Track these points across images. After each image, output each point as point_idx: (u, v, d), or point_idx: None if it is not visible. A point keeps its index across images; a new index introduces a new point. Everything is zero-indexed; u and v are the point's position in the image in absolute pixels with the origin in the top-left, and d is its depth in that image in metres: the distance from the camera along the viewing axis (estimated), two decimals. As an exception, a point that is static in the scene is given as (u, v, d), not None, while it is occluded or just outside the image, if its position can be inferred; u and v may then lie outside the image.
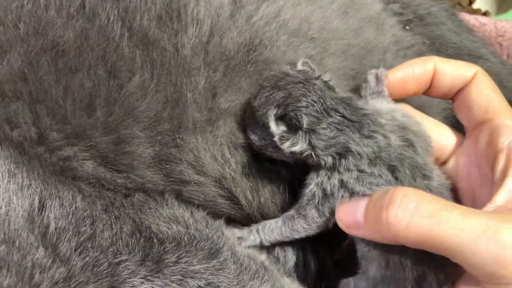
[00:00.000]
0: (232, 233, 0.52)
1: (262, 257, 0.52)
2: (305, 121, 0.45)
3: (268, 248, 0.54)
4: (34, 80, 0.45)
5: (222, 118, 0.50)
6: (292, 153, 0.47)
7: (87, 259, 0.42)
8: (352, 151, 0.45)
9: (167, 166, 0.50)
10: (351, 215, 0.45)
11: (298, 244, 0.55)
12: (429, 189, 0.46)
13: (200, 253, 0.46)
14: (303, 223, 0.49)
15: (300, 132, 0.46)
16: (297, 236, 0.50)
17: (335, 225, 0.48)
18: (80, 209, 0.44)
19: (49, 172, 0.46)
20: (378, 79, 0.51)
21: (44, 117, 0.46)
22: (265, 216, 0.54)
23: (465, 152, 0.50)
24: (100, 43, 0.47)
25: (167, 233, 0.46)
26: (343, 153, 0.46)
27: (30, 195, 0.43)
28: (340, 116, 0.46)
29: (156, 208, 0.48)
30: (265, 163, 0.52)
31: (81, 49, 0.47)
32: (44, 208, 0.43)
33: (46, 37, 0.46)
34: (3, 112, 0.45)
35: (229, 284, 0.46)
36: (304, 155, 0.47)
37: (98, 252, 0.43)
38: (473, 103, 0.48)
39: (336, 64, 0.56)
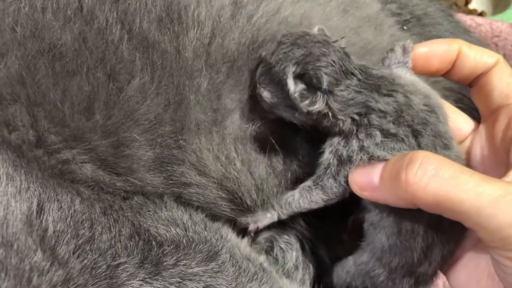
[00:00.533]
0: (244, 221, 0.51)
1: (261, 258, 0.52)
2: (325, 81, 0.43)
3: (267, 249, 0.54)
4: (32, 83, 0.45)
5: (229, 118, 0.50)
6: (309, 113, 0.44)
7: (85, 261, 0.41)
8: (373, 109, 0.44)
9: (168, 168, 0.49)
10: (366, 176, 0.44)
11: (297, 244, 0.54)
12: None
13: (199, 255, 0.46)
14: (321, 194, 0.47)
15: (318, 92, 0.44)
16: (315, 207, 0.49)
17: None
18: (78, 212, 0.44)
19: (48, 175, 0.45)
20: (404, 49, 0.49)
21: (42, 120, 0.45)
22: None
23: (481, 135, 0.50)
24: (99, 46, 0.46)
25: (166, 236, 0.46)
26: (365, 112, 0.44)
27: (29, 198, 0.42)
28: (357, 79, 0.44)
29: (155, 211, 0.48)
30: (272, 159, 0.52)
31: (79, 51, 0.46)
32: (42, 211, 0.42)
33: (43, 40, 0.45)
34: (1, 115, 0.44)
35: (227, 286, 0.45)
36: (321, 114, 0.45)
37: (97, 255, 0.42)
38: (494, 88, 0.48)
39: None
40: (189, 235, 0.47)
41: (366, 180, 0.44)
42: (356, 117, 0.44)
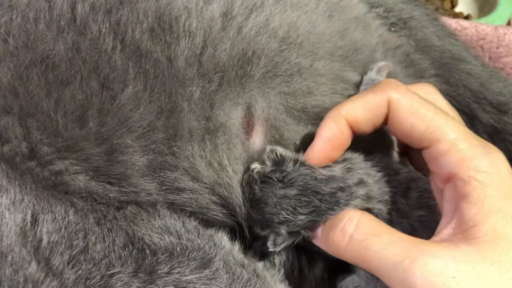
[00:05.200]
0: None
1: (257, 263, 0.51)
2: (284, 232, 0.46)
3: (265, 254, 0.53)
4: (25, 93, 0.43)
5: (221, 129, 0.49)
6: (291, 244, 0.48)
7: (80, 272, 0.40)
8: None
9: (162, 174, 0.48)
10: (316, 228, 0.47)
11: (294, 251, 0.54)
12: None
13: (193, 263, 0.44)
14: None
15: (284, 234, 0.47)
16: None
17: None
18: (72, 222, 0.42)
19: (42, 187, 0.43)
20: (379, 70, 0.51)
21: (35, 131, 0.43)
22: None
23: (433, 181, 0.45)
24: (92, 56, 0.45)
25: (160, 244, 0.44)
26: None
27: (23, 210, 0.41)
28: (312, 204, 0.46)
29: (149, 220, 0.46)
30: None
31: (72, 61, 0.44)
32: (36, 223, 0.41)
33: (36, 51, 0.44)
34: None
35: (221, 293, 0.44)
36: (299, 240, 0.48)
37: (91, 265, 0.41)
38: (406, 136, 0.44)
39: (326, 67, 0.54)
40: (182, 243, 0.45)
41: (316, 231, 0.47)
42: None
